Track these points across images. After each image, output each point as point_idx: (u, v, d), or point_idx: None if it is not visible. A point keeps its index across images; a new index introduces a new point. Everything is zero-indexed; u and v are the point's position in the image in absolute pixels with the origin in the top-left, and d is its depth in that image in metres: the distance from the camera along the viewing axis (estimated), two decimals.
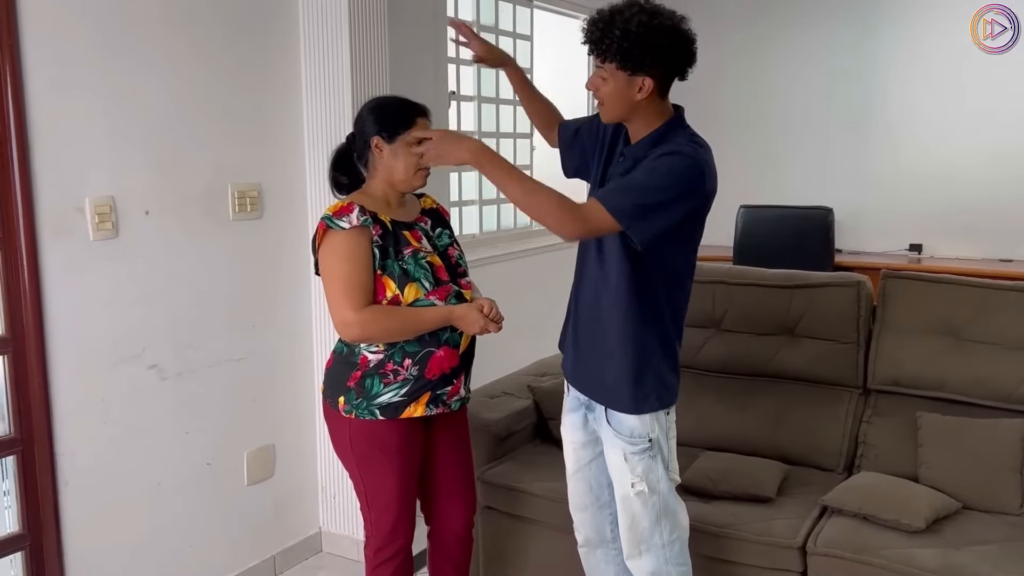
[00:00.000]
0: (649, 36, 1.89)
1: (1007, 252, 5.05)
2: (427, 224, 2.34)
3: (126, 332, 2.57)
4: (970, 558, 2.16)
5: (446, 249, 2.33)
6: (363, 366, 2.21)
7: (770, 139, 5.75)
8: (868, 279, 2.91)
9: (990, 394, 2.61)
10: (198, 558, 2.84)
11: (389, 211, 2.25)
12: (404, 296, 2.17)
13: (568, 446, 2.29)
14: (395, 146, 2.20)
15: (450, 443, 2.39)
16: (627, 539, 2.14)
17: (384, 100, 2.31)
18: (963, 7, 5.00)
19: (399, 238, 2.21)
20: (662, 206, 1.90)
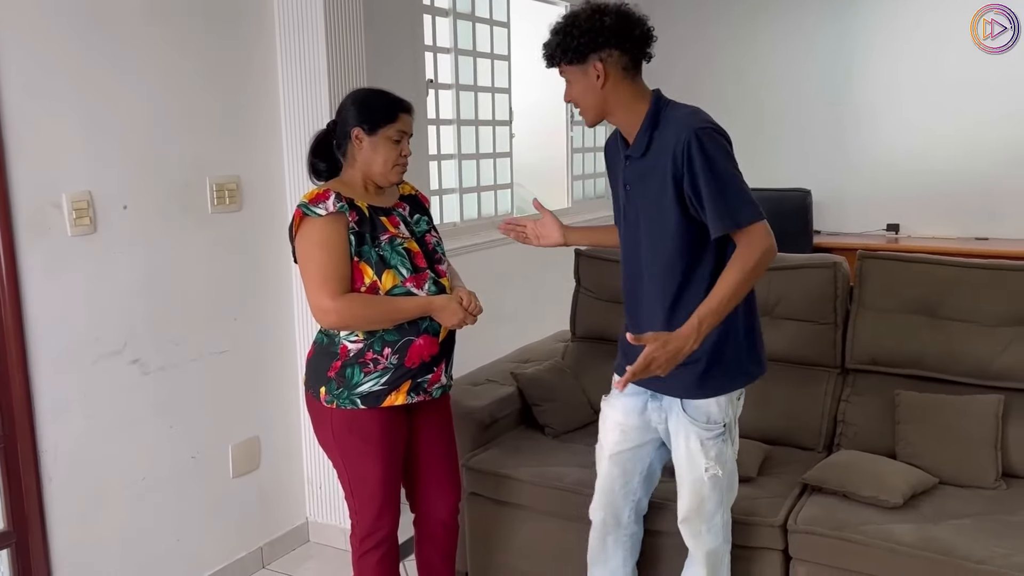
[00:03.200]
0: (578, 23, 1.98)
1: (982, 230, 5.11)
2: (405, 210, 2.34)
3: (107, 327, 2.56)
4: (947, 532, 2.20)
5: (424, 235, 2.34)
6: (343, 356, 2.21)
7: (749, 123, 5.76)
8: (844, 260, 2.94)
9: (966, 370, 2.65)
10: (186, 551, 2.84)
11: (367, 197, 2.25)
12: (382, 283, 2.17)
13: (614, 428, 2.26)
14: (375, 139, 2.21)
15: (434, 430, 2.41)
16: (693, 520, 2.17)
17: (369, 92, 2.31)
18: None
19: (376, 224, 2.22)
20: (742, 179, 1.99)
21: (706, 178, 1.92)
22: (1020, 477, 2.52)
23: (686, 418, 2.10)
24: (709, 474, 2.10)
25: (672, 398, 2.12)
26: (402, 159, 2.25)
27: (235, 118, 2.93)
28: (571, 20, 2.00)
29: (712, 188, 1.92)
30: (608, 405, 2.31)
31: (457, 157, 4.24)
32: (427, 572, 2.52)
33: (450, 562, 2.52)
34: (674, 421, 2.13)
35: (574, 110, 2.19)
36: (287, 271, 3.14)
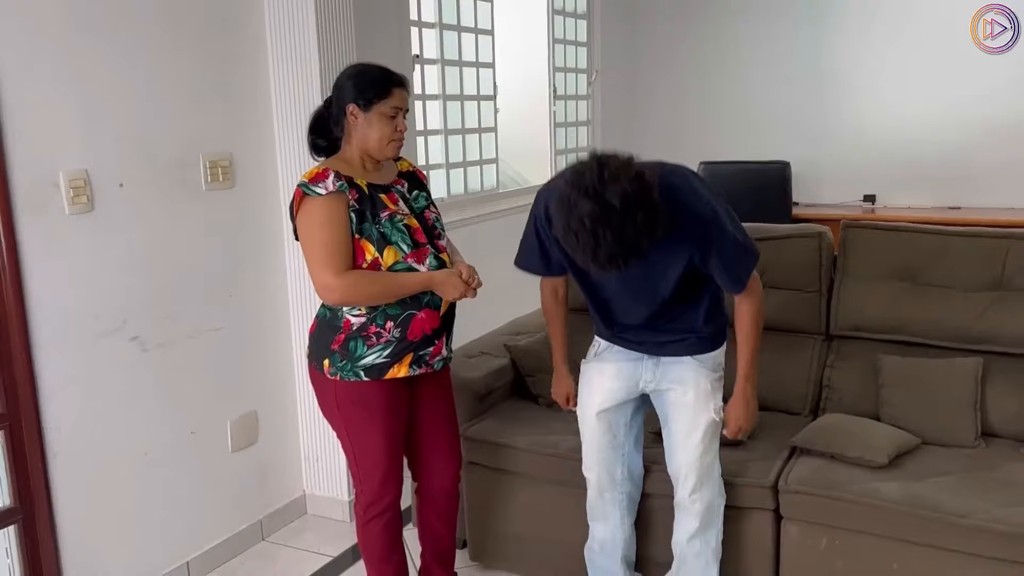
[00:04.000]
0: (655, 223, 1.86)
1: (955, 200, 5.23)
2: (404, 187, 2.37)
3: (106, 305, 2.58)
4: (930, 489, 2.30)
5: (423, 211, 2.37)
6: (346, 329, 2.25)
7: (730, 96, 5.85)
8: (829, 230, 3.02)
9: (946, 335, 2.75)
10: (187, 524, 2.88)
11: (365, 175, 2.27)
12: (383, 259, 2.21)
13: (600, 389, 2.36)
14: (370, 115, 2.23)
15: (434, 401, 2.46)
16: (692, 475, 2.26)
17: (363, 68, 2.32)
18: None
19: (376, 201, 2.25)
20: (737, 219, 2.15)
21: (721, 257, 2.09)
22: (998, 436, 2.62)
23: (695, 363, 2.26)
24: (717, 418, 2.26)
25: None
26: (397, 134, 2.27)
27: (226, 95, 2.94)
28: (637, 235, 1.83)
29: (724, 260, 2.10)
30: (594, 369, 2.39)
31: (444, 132, 4.26)
32: (430, 538, 2.59)
33: (452, 528, 2.59)
34: (681, 370, 2.26)
35: (556, 84, 2.24)
36: (280, 247, 3.17)
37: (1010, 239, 2.74)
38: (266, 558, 3.06)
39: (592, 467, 2.43)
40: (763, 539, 2.43)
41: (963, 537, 2.17)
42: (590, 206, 1.79)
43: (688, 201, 2.02)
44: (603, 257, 1.84)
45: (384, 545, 2.43)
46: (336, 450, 3.25)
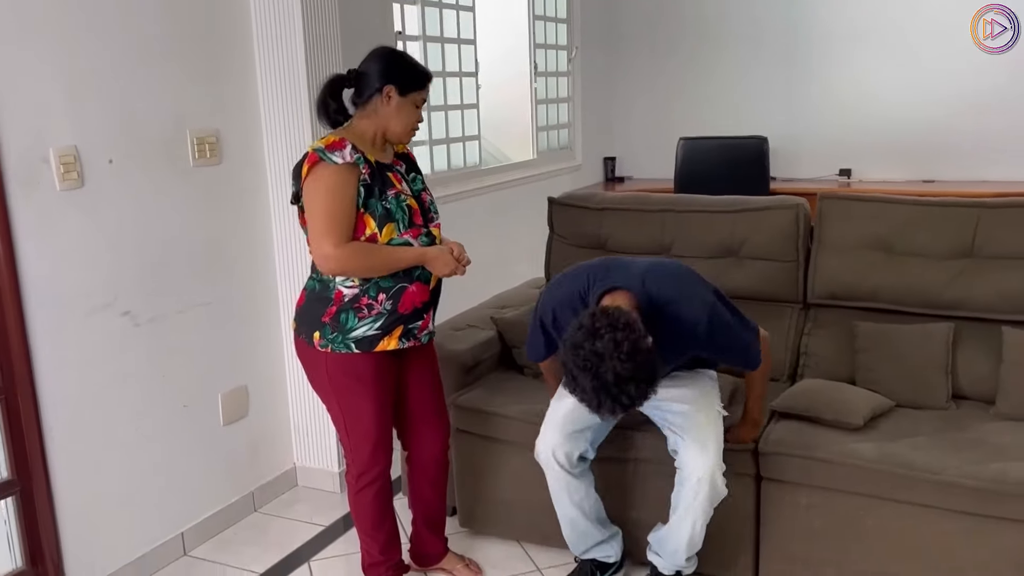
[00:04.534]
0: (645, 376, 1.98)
1: (929, 173, 5.34)
2: (402, 167, 2.42)
3: (98, 281, 2.61)
4: (904, 448, 2.39)
5: (419, 193, 2.43)
6: (338, 301, 2.30)
7: (706, 72, 5.91)
8: (806, 201, 3.09)
9: (919, 301, 2.84)
10: (181, 496, 2.93)
11: (373, 151, 2.32)
12: (381, 235, 2.26)
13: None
14: (403, 101, 2.31)
15: (421, 372, 2.53)
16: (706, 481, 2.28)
17: (403, 55, 2.42)
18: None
19: (385, 179, 2.30)
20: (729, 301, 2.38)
21: (729, 349, 2.34)
22: (969, 398, 2.72)
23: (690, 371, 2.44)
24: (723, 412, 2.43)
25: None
26: (418, 124, 2.37)
27: (212, 72, 2.95)
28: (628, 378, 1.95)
29: (733, 350, 2.35)
30: None
31: (427, 109, 4.29)
32: (421, 505, 2.66)
33: (442, 495, 2.67)
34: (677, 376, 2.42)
35: (537, 60, 2.35)
36: (267, 223, 3.20)
37: (980, 208, 2.83)
38: (259, 528, 3.12)
39: (545, 445, 2.42)
40: (745, 499, 2.51)
41: (935, 493, 2.27)
42: (590, 382, 1.95)
43: (681, 312, 2.20)
44: (608, 405, 1.99)
45: (375, 513, 2.50)
46: (326, 422, 3.30)
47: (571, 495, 2.43)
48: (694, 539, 2.34)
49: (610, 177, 6.23)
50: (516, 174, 4.96)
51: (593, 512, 2.49)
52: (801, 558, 2.47)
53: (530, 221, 4.15)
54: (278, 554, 2.94)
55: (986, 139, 5.19)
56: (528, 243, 4.30)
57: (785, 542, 2.49)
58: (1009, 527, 2.21)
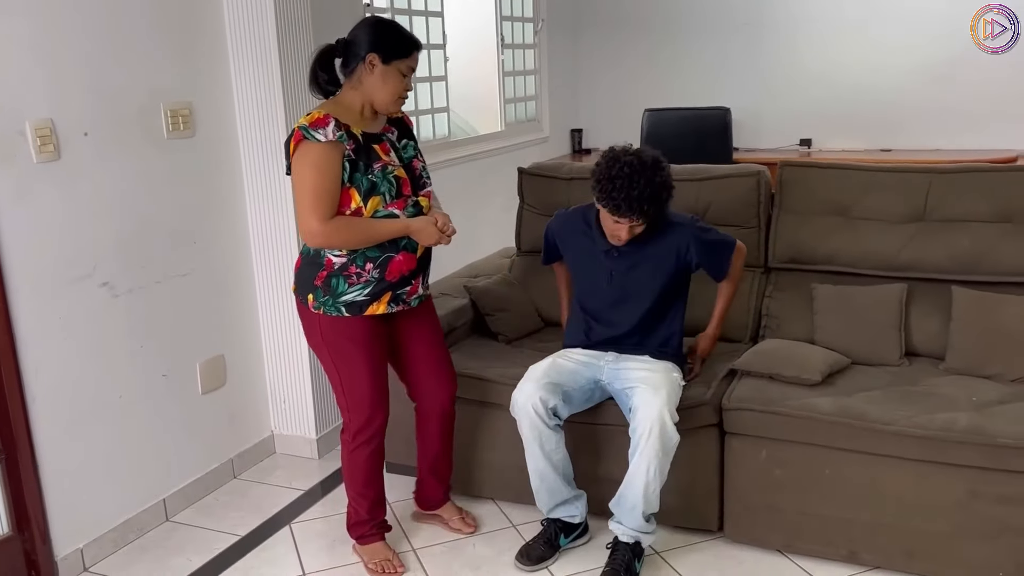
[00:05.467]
0: (671, 184, 2.48)
1: (886, 143, 5.50)
2: (394, 135, 2.47)
3: (76, 252, 2.64)
4: (859, 402, 2.52)
5: (411, 161, 2.48)
6: (328, 267, 2.38)
7: (670, 45, 6.00)
8: (767, 169, 3.20)
9: (874, 264, 2.97)
10: (161, 464, 2.99)
11: (361, 123, 2.36)
12: (366, 208, 2.32)
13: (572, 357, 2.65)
14: (387, 69, 2.31)
15: (422, 330, 2.61)
16: (656, 427, 2.40)
17: (389, 23, 2.43)
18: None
19: (370, 152, 2.35)
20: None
21: (707, 258, 2.65)
22: (920, 355, 2.87)
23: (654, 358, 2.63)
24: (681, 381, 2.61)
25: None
26: (405, 92, 2.37)
27: (183, 44, 2.98)
28: (659, 187, 2.42)
29: (712, 259, 2.66)
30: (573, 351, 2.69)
31: None
32: (428, 453, 2.77)
33: (447, 443, 2.77)
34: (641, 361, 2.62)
35: (504, 32, 2.48)
36: (241, 194, 3.24)
37: (932, 174, 2.97)
38: (239, 494, 3.19)
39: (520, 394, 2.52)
40: (709, 453, 2.64)
41: (887, 442, 2.41)
42: (630, 158, 2.41)
43: (675, 219, 2.61)
44: (635, 197, 2.37)
45: (367, 472, 2.59)
46: (303, 390, 3.39)
47: (543, 446, 2.52)
48: (649, 489, 2.42)
49: (577, 149, 6.31)
50: (485, 146, 5.03)
51: (562, 467, 2.59)
52: (763, 506, 2.60)
53: (499, 192, 4.23)
54: (259, 518, 3.01)
55: (940, 110, 5.36)
56: (498, 213, 4.38)
57: (747, 492, 2.62)
58: (954, 472, 2.36)
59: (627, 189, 2.37)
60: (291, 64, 3.14)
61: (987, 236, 2.85)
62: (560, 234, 2.77)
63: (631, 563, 2.51)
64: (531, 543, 2.67)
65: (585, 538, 2.74)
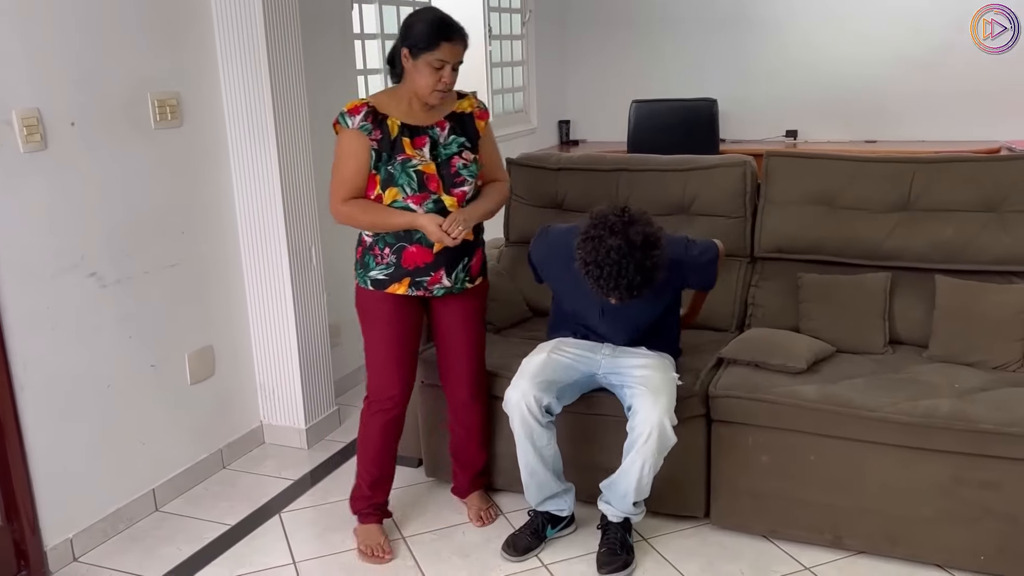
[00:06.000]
0: (664, 260, 2.31)
1: (871, 134, 5.55)
2: (444, 129, 2.52)
3: (64, 242, 2.64)
4: (843, 389, 2.55)
5: (450, 158, 2.51)
6: (363, 245, 2.60)
7: (657, 37, 6.02)
8: (753, 160, 3.23)
9: (859, 253, 3.00)
10: (151, 454, 2.99)
11: (408, 114, 2.47)
12: (385, 197, 2.47)
13: (568, 351, 2.61)
14: (418, 62, 2.39)
15: (453, 320, 2.67)
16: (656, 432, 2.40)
17: (419, 15, 2.46)
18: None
19: (396, 145, 2.44)
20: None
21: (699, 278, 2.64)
22: (904, 343, 2.90)
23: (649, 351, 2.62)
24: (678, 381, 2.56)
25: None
26: (442, 84, 2.41)
27: (170, 33, 2.97)
28: (651, 270, 2.26)
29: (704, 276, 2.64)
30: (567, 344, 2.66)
31: (384, 71, 4.33)
32: (454, 443, 2.84)
33: (473, 436, 2.80)
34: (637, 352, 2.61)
35: (491, 23, 2.46)
36: (229, 184, 3.24)
37: (916, 163, 3.00)
38: (229, 484, 3.20)
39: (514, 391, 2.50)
40: (696, 440, 2.66)
41: (871, 429, 2.44)
42: (617, 242, 2.20)
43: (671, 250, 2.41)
44: (624, 286, 2.23)
45: (376, 444, 2.67)
46: (292, 381, 3.39)
47: (535, 442, 2.54)
48: (642, 483, 2.45)
49: (565, 140, 6.33)
50: None
51: (552, 462, 2.60)
52: (748, 493, 2.64)
53: None
54: (248, 507, 3.02)
55: (924, 100, 5.41)
56: None
57: (734, 479, 2.65)
58: (937, 457, 2.39)
59: (616, 278, 2.22)
60: (279, 54, 3.14)
61: (970, 225, 2.88)
62: (545, 262, 2.65)
63: (624, 539, 2.56)
64: (517, 533, 2.69)
65: (571, 528, 2.76)
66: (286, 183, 3.23)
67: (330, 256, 3.49)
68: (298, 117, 3.27)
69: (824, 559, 2.57)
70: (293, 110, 3.24)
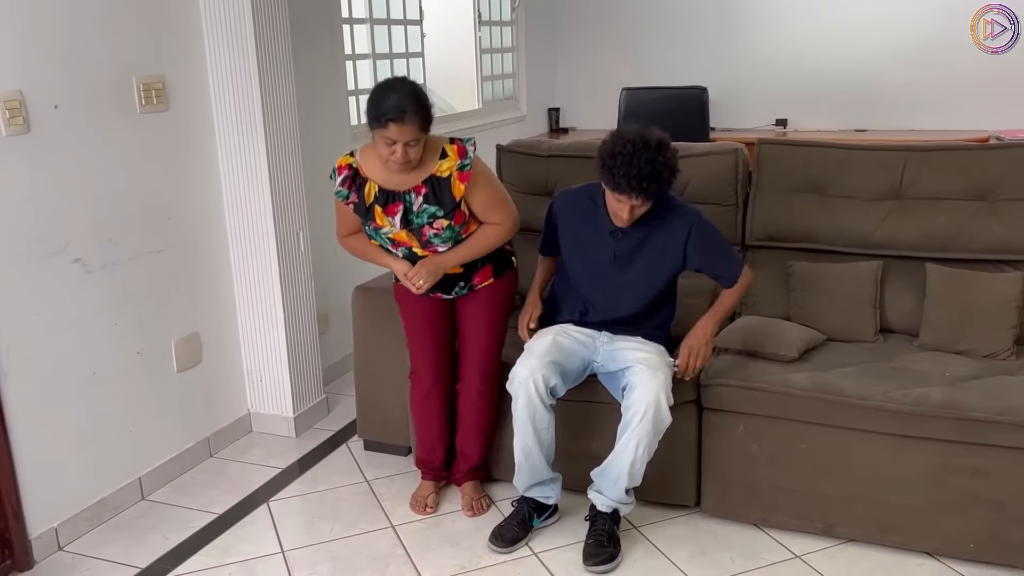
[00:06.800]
0: (675, 166, 2.45)
1: (861, 123, 5.54)
2: (420, 194, 2.50)
3: (47, 227, 2.59)
4: (834, 377, 2.54)
5: (421, 227, 2.54)
6: None
7: (648, 24, 5.99)
8: (744, 147, 3.21)
9: (850, 241, 2.99)
10: (137, 442, 2.96)
11: (386, 177, 2.51)
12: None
13: (572, 336, 2.63)
14: (374, 133, 2.41)
15: (469, 313, 2.74)
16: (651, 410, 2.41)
17: (381, 88, 2.42)
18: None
19: (369, 212, 2.55)
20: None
21: (712, 239, 2.61)
22: (895, 331, 2.90)
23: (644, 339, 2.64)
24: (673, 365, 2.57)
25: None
26: (396, 157, 2.39)
27: (155, 16, 2.92)
28: (661, 167, 2.38)
29: (719, 247, 2.63)
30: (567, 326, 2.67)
31: (372, 57, 4.29)
32: (458, 436, 2.84)
33: (468, 428, 2.80)
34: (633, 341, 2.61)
35: (481, 9, 2.46)
36: (215, 170, 3.20)
37: (907, 151, 2.99)
38: (216, 472, 3.17)
39: (522, 368, 2.51)
40: (687, 429, 2.65)
41: (863, 417, 2.44)
42: (634, 137, 2.39)
43: (676, 206, 2.59)
44: (635, 175, 2.34)
45: (419, 413, 2.83)
46: (279, 369, 3.36)
47: (536, 423, 2.52)
48: (635, 467, 2.44)
49: (554, 127, 6.30)
50: (462, 124, 4.99)
51: (547, 447, 2.59)
52: (739, 481, 2.63)
53: None
54: (236, 496, 2.99)
55: (916, 90, 5.40)
56: None
57: (724, 467, 2.65)
58: (928, 445, 2.39)
59: (627, 166, 2.35)
60: (266, 40, 3.10)
61: (961, 214, 2.88)
62: (562, 213, 2.71)
63: (612, 531, 2.54)
64: (504, 524, 2.67)
65: (556, 517, 2.75)
66: (274, 168, 3.19)
67: (318, 243, 3.45)
68: (286, 102, 3.23)
69: (814, 547, 2.58)
70: (281, 95, 3.20)
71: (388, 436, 3.18)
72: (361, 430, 3.26)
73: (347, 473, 3.12)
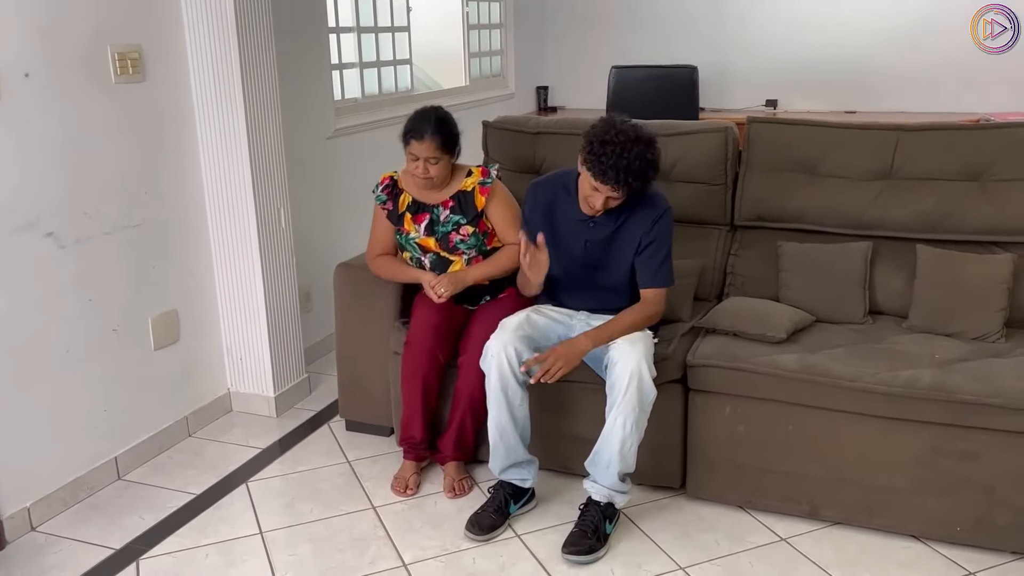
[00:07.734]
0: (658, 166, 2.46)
1: (851, 104, 5.50)
2: (447, 207, 2.79)
3: (18, 200, 2.52)
4: (823, 359, 2.51)
5: (447, 235, 2.80)
6: None
7: (637, 3, 5.91)
8: (734, 126, 3.16)
9: (840, 222, 2.95)
10: (114, 420, 2.90)
11: (418, 191, 2.81)
12: (402, 255, 2.92)
13: (545, 314, 2.63)
14: (406, 150, 2.70)
15: (485, 308, 2.83)
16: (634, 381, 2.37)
17: (423, 111, 2.72)
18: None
19: (400, 219, 2.83)
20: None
21: (660, 242, 2.55)
22: (884, 313, 2.87)
23: None
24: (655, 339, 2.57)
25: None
26: (420, 172, 2.70)
27: None
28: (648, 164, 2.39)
29: (660, 253, 2.55)
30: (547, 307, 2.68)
31: (356, 31, 4.20)
32: (452, 413, 2.81)
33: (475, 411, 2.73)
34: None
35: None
36: (193, 143, 3.13)
37: (899, 131, 2.94)
38: (194, 452, 3.11)
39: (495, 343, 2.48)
40: (673, 409, 2.61)
41: (851, 399, 2.40)
42: (627, 128, 2.39)
43: (654, 194, 2.56)
44: (623, 167, 2.34)
45: (408, 382, 2.79)
46: (260, 347, 3.30)
47: (509, 399, 2.49)
48: (625, 446, 2.40)
49: (543, 107, 6.23)
50: (448, 100, 4.89)
51: (521, 425, 2.56)
52: (725, 463, 2.60)
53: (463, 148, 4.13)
54: (214, 476, 2.94)
55: (906, 71, 5.36)
56: None
57: (710, 449, 2.61)
58: (916, 427, 2.37)
59: (616, 157, 2.33)
60: (246, 10, 3.02)
61: (952, 195, 2.84)
62: (536, 202, 2.66)
63: (599, 524, 2.47)
64: (480, 512, 2.61)
65: (532, 504, 2.71)
66: (254, 142, 3.11)
67: (301, 219, 3.39)
68: (267, 74, 3.15)
69: (800, 529, 2.55)
70: (262, 66, 3.12)
71: (370, 416, 3.13)
72: (343, 410, 3.21)
73: (328, 454, 3.08)
